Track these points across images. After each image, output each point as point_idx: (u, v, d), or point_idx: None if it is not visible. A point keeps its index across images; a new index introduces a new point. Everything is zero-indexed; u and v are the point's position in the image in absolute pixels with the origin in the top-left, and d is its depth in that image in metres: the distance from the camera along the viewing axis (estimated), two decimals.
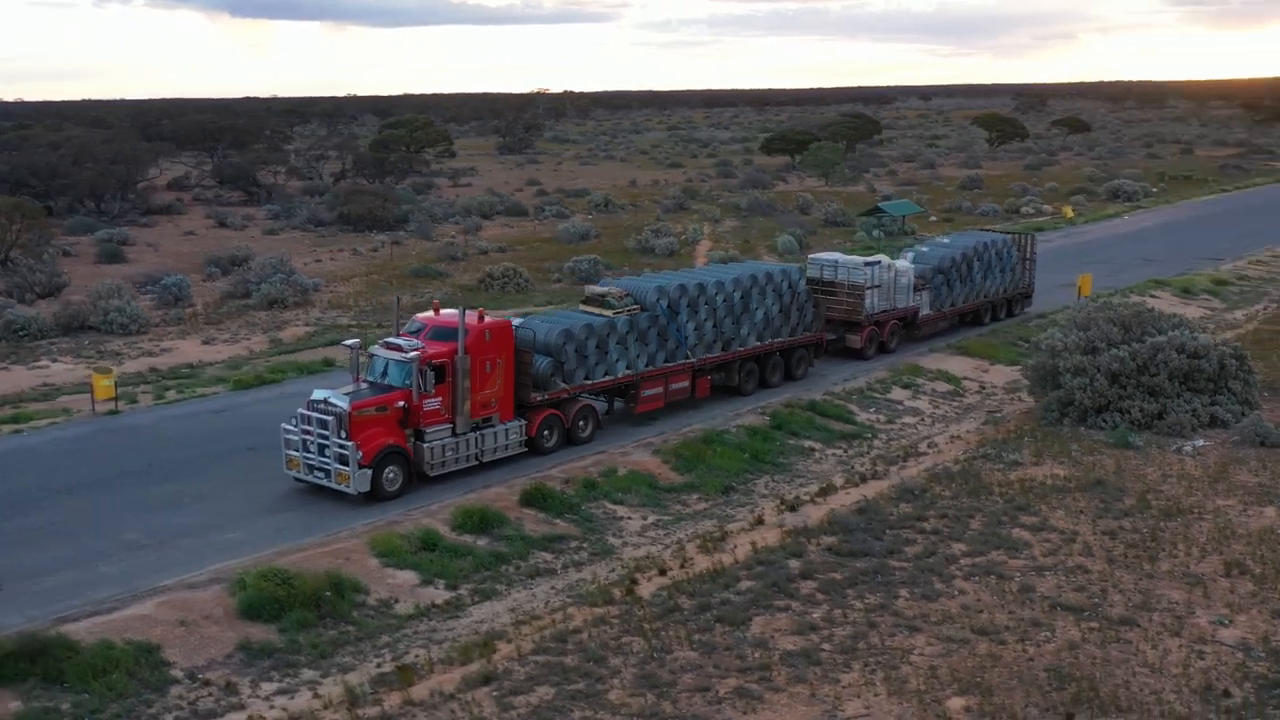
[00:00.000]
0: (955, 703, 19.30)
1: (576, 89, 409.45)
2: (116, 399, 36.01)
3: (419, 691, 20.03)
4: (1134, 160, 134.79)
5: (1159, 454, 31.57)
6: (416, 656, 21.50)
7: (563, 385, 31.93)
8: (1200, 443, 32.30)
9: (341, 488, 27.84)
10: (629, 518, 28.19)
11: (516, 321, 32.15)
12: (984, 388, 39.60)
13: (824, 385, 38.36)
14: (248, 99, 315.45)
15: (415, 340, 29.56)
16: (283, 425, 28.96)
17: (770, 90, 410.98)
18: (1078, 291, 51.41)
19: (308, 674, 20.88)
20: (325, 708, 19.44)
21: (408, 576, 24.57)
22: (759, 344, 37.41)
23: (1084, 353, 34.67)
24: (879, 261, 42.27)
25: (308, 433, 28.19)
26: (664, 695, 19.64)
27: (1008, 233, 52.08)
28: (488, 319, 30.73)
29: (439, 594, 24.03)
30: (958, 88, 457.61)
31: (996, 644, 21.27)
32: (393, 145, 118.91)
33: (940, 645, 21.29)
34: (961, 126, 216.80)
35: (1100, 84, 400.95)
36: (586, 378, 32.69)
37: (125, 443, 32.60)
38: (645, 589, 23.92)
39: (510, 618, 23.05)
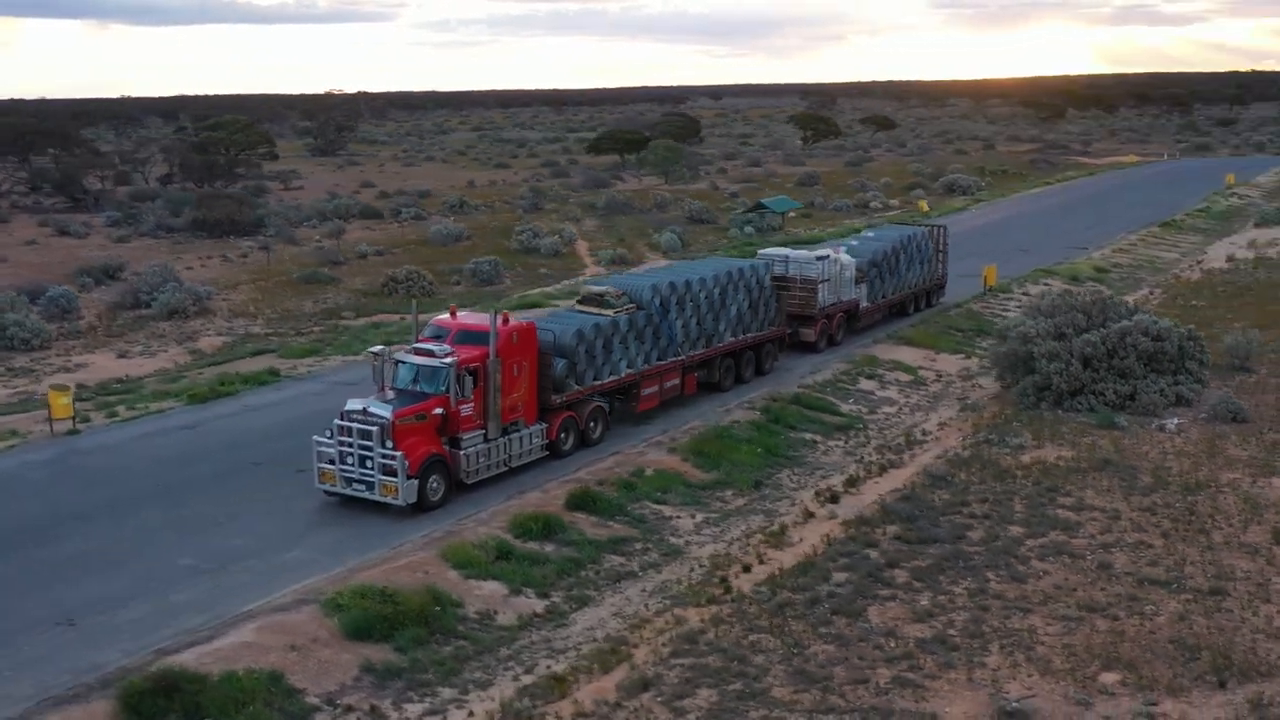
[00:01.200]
0: (1107, 678, 19.96)
1: (361, 89, 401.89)
2: (75, 418, 33.92)
3: (573, 705, 19.59)
4: (943, 156, 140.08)
5: (1145, 433, 33.10)
6: (548, 667, 21.00)
7: (577, 387, 31.57)
8: (1175, 421, 33.99)
9: (387, 500, 26.93)
10: (677, 516, 28.06)
11: None
12: (940, 376, 40.73)
13: (793, 379, 38.85)
14: (15, 100, 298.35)
15: (444, 345, 28.77)
16: (315, 439, 27.82)
17: (563, 90, 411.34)
18: (983, 282, 53.37)
19: (446, 692, 20.20)
20: None
21: (494, 587, 23.94)
22: (733, 339, 37.70)
23: (1054, 339, 36.06)
24: (828, 256, 43.05)
25: (345, 445, 27.15)
26: (828, 689, 19.73)
27: (919, 224, 53.49)
28: (512, 321, 30.17)
29: (533, 603, 23.50)
30: (744, 87, 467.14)
31: (1110, 619, 22.02)
32: (213, 148, 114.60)
33: (1059, 624, 21.94)
34: (762, 125, 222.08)
35: (879, 83, 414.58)
36: (595, 378, 32.41)
37: (116, 464, 30.84)
38: (742, 586, 23.85)
39: (619, 623, 22.72)
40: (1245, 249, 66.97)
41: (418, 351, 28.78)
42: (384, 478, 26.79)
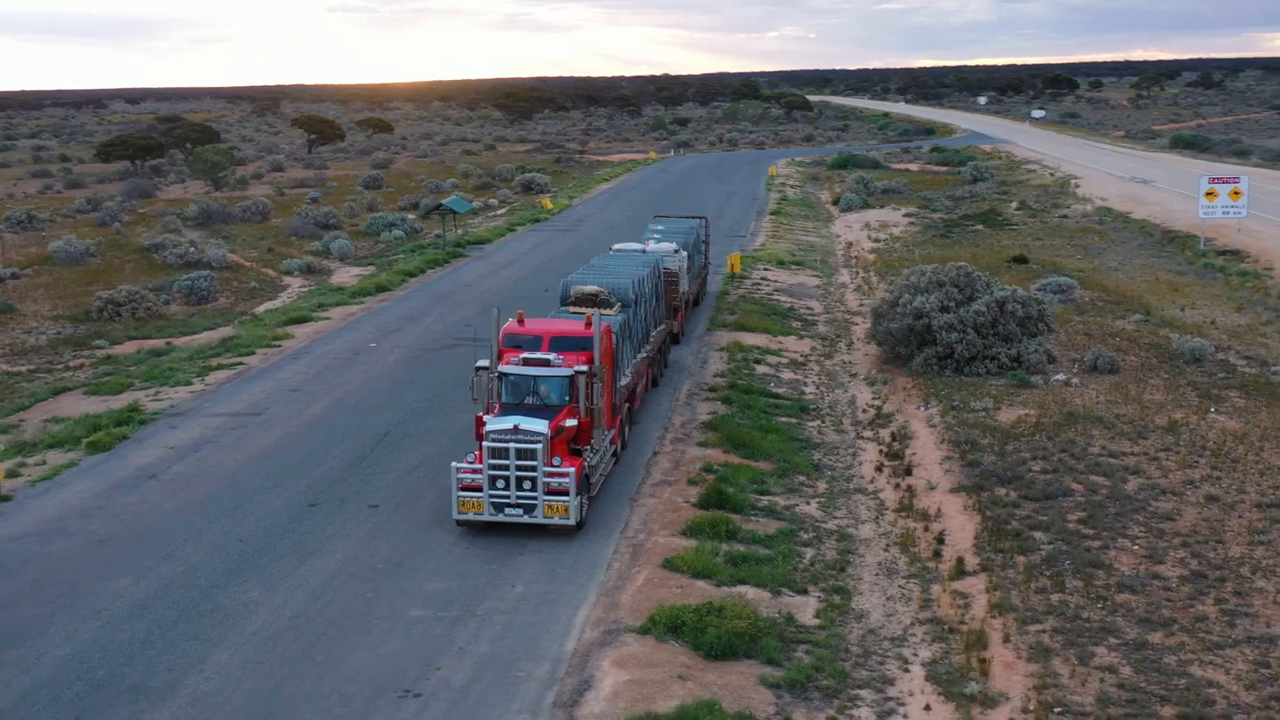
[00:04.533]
0: None
1: None
2: None
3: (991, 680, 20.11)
4: (454, 156, 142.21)
5: (1056, 388, 37.26)
6: (905, 666, 21.18)
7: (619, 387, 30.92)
8: (1062, 376, 38.55)
9: (552, 521, 25.32)
10: (796, 504, 28.37)
11: None
12: (804, 357, 43.03)
13: (694, 369, 39.67)
14: None
15: (552, 354, 27.28)
16: (454, 465, 25.49)
17: None
18: (730, 268, 56.33)
19: (864, 712, 19.74)
20: None
21: (755, 592, 23.37)
22: (654, 333, 38.01)
23: (941, 311, 39.57)
24: (677, 249, 44.06)
25: (499, 467, 25.16)
26: (1169, 630, 21.47)
27: (696, 217, 55.38)
28: (596, 323, 29.03)
29: (802, 601, 23.26)
30: (165, 91, 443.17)
31: None
32: None
33: (1262, 550, 24.93)
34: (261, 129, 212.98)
35: (310, 87, 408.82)
36: (622, 380, 31.80)
37: (154, 519, 26.35)
38: (973, 558, 24.95)
39: (910, 612, 23.05)
40: (866, 229, 74.70)
41: (528, 362, 27.02)
42: (549, 498, 25.15)
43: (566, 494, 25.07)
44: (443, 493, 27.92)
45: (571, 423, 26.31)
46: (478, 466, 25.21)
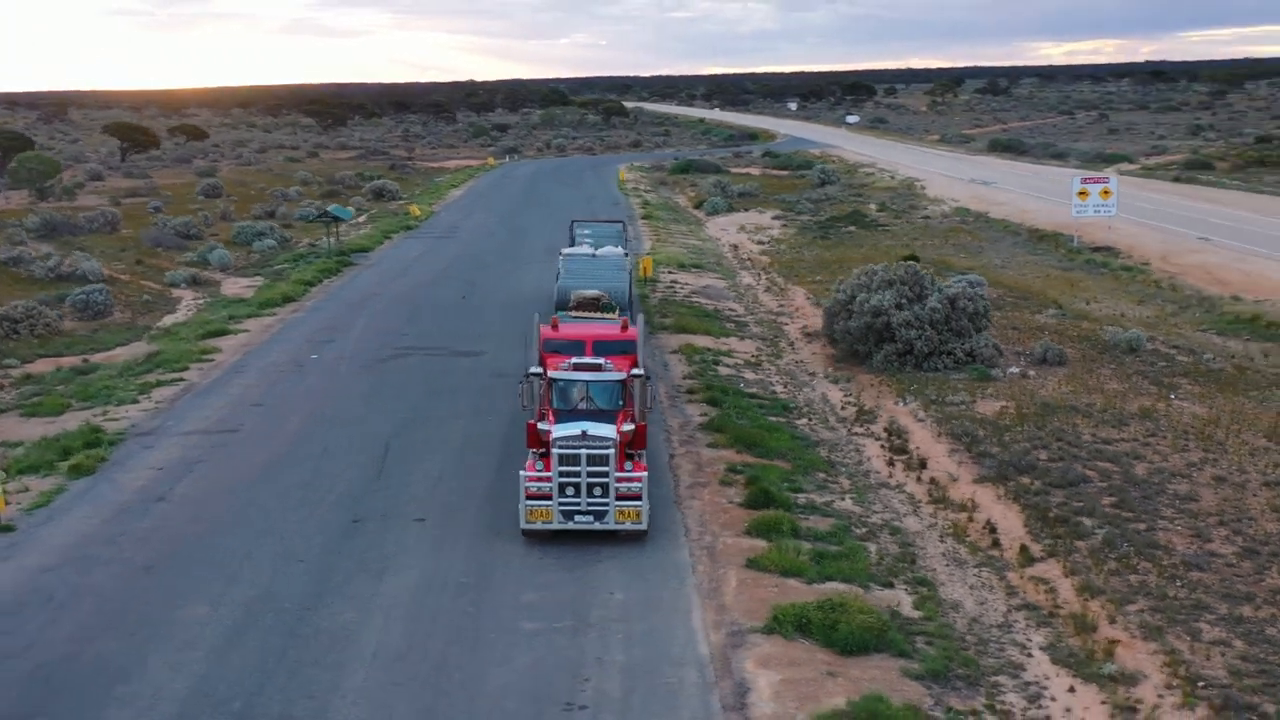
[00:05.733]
0: None
1: None
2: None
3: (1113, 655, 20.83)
4: (283, 165, 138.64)
5: (1018, 381, 38.65)
6: (1025, 651, 21.77)
7: None
8: (1015, 369, 40.02)
9: (625, 526, 25.08)
10: (832, 501, 28.64)
11: None
12: (757, 358, 43.49)
13: (659, 372, 39.71)
14: None
15: (602, 358, 27.00)
16: (522, 473, 24.99)
17: None
18: (642, 272, 56.49)
19: (1012, 697, 20.11)
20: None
21: (838, 586, 23.54)
22: None
23: (898, 309, 40.60)
24: (626, 254, 44.04)
25: (570, 474, 24.77)
26: (1253, 601, 22.64)
27: (614, 221, 55.19)
28: (630, 326, 28.86)
29: (893, 594, 23.51)
30: None
31: None
32: None
33: None
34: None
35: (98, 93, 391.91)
36: None
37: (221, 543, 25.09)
38: (1034, 545, 25.71)
39: (1000, 600, 23.58)
40: (743, 231, 75.90)
41: (579, 367, 26.65)
42: (621, 503, 24.89)
43: (638, 499, 24.83)
44: (483, 503, 27.43)
45: (629, 427, 26.04)
46: (546, 474, 24.72)
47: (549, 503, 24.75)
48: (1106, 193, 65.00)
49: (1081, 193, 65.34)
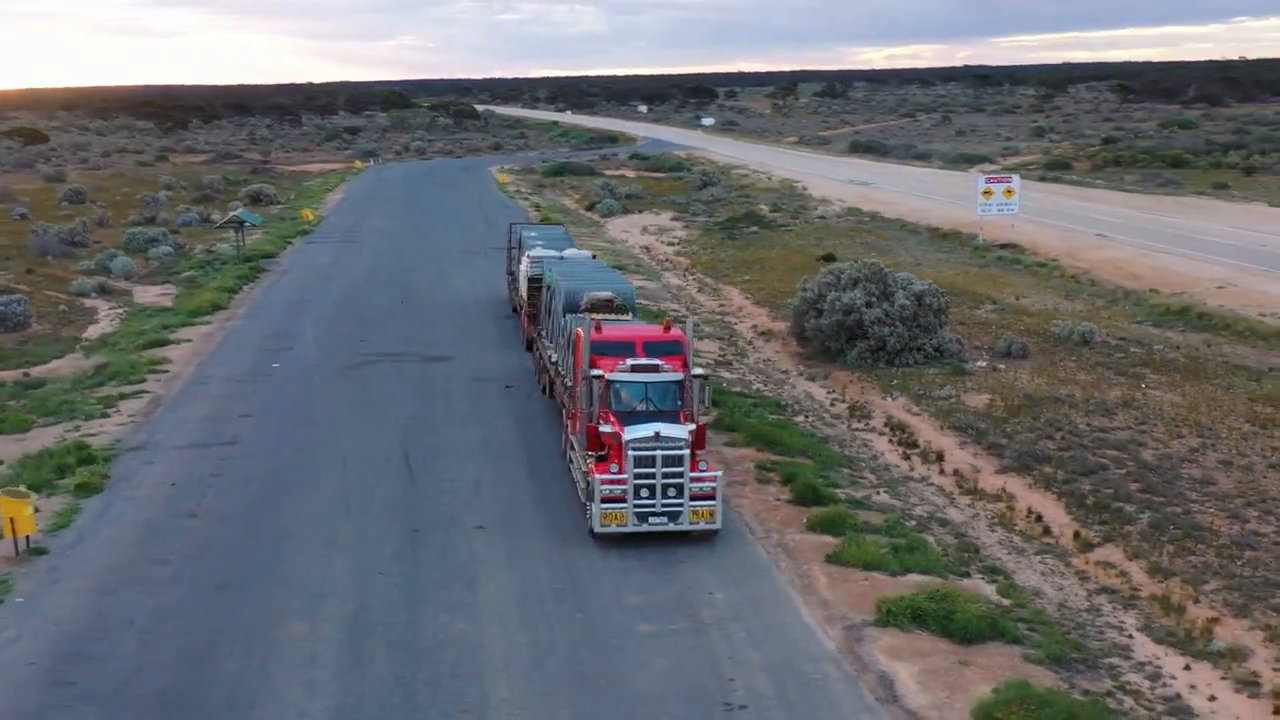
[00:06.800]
0: None
1: None
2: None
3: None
4: (133, 169, 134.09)
5: (993, 374, 39.82)
6: (1125, 633, 22.57)
7: None
8: (982, 363, 41.27)
9: (699, 526, 25.18)
10: (869, 495, 29.16)
11: None
12: (725, 357, 43.85)
13: None
14: None
15: (655, 360, 27.00)
16: (599, 478, 24.84)
17: None
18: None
19: (1134, 677, 20.82)
20: None
21: (918, 578, 24.00)
22: None
23: (868, 306, 41.48)
24: (594, 255, 43.99)
25: (645, 476, 24.74)
26: None
27: (554, 224, 54.81)
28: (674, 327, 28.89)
29: (973, 583, 24.14)
30: None
31: None
32: None
33: None
34: None
35: None
36: None
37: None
38: (1086, 531, 26.61)
39: (1075, 585, 24.29)
40: (647, 233, 76.36)
41: (638, 369, 26.59)
42: (695, 503, 24.97)
43: (712, 498, 24.92)
44: (534, 509, 27.31)
45: (692, 427, 26.08)
46: (621, 477, 24.60)
47: (624, 505, 24.63)
48: (1010, 192, 67.26)
49: (986, 192, 67.48)
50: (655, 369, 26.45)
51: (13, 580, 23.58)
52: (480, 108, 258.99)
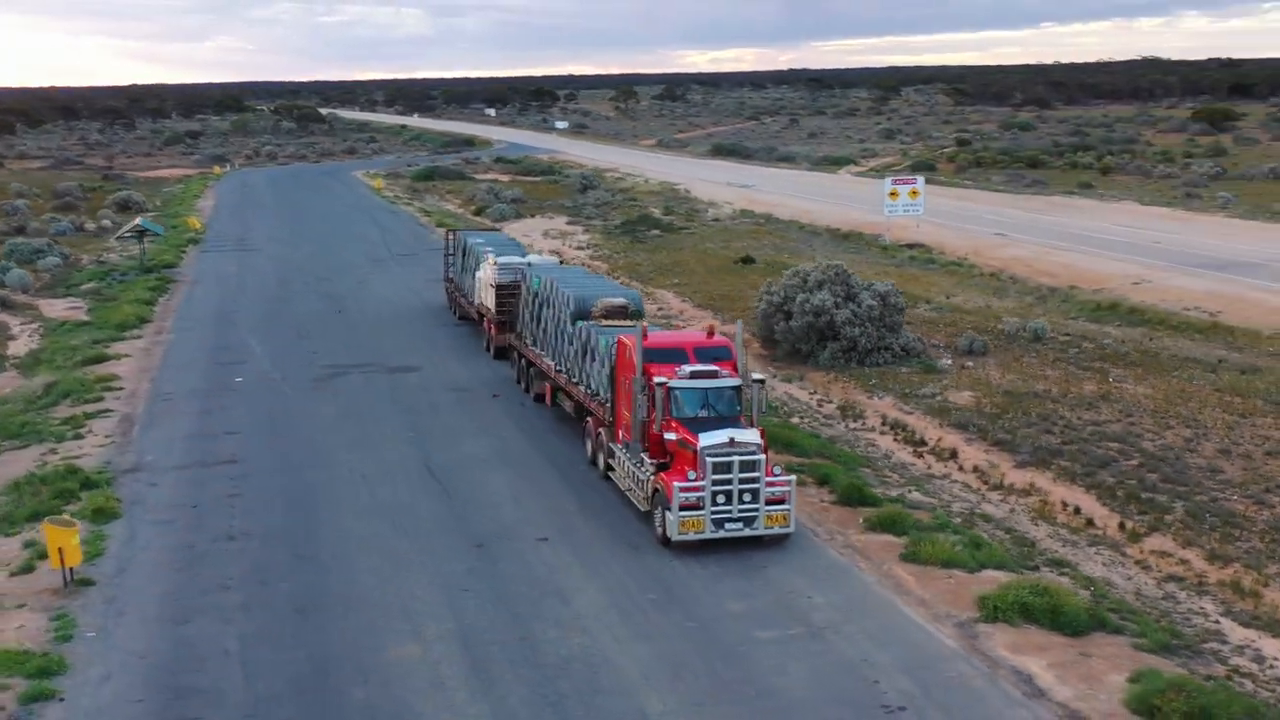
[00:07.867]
0: None
1: None
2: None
3: None
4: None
5: (959, 370, 40.75)
6: (1209, 619, 23.36)
7: None
8: (948, 361, 42.23)
9: (773, 531, 25.21)
10: (900, 492, 29.51)
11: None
12: None
13: None
14: None
15: (712, 365, 26.92)
16: (677, 485, 24.63)
17: None
18: None
19: (1239, 660, 21.55)
20: None
21: (994, 573, 24.42)
22: None
23: (837, 307, 42.05)
24: (561, 261, 43.61)
25: (722, 482, 24.67)
26: None
27: (497, 230, 53.89)
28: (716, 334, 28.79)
29: (1049, 577, 24.65)
30: None
31: None
32: None
33: None
34: None
35: None
36: None
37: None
38: (1130, 521, 27.41)
39: (1138, 573, 24.97)
40: (548, 237, 75.96)
41: (700, 374, 26.45)
42: (770, 508, 25.00)
43: (785, 502, 24.93)
44: (587, 519, 27.10)
45: (757, 431, 26.05)
46: (699, 484, 24.44)
47: (701, 512, 24.45)
48: (915, 193, 68.84)
49: (892, 193, 68.94)
50: (715, 374, 26.35)
51: (71, 613, 22.27)
52: (326, 111, 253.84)
